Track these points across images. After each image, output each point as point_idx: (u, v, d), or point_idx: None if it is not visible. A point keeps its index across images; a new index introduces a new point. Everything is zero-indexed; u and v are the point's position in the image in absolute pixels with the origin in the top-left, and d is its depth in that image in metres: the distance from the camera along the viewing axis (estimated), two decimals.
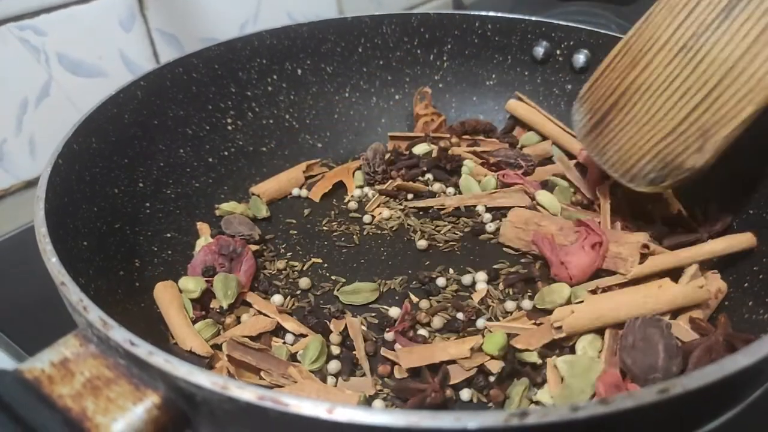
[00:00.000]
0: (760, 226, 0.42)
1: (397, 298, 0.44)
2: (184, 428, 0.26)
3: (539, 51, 0.58)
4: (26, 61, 0.59)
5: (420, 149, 0.56)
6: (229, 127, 0.55)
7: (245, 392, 0.23)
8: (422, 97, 0.59)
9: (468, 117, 0.61)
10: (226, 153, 0.54)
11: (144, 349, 0.25)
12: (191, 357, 0.38)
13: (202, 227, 0.49)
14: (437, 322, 0.41)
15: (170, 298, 0.41)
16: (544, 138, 0.57)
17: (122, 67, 0.65)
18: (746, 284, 0.41)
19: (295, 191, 0.54)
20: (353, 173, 0.56)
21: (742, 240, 0.43)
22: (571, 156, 0.55)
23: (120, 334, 0.26)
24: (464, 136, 0.58)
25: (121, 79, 0.49)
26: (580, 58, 0.56)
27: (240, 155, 0.55)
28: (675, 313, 0.39)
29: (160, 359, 0.25)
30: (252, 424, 0.24)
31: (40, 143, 0.61)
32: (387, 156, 0.55)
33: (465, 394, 0.37)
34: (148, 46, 0.70)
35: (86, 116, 0.42)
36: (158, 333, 0.40)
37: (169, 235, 0.47)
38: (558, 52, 0.58)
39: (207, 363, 0.38)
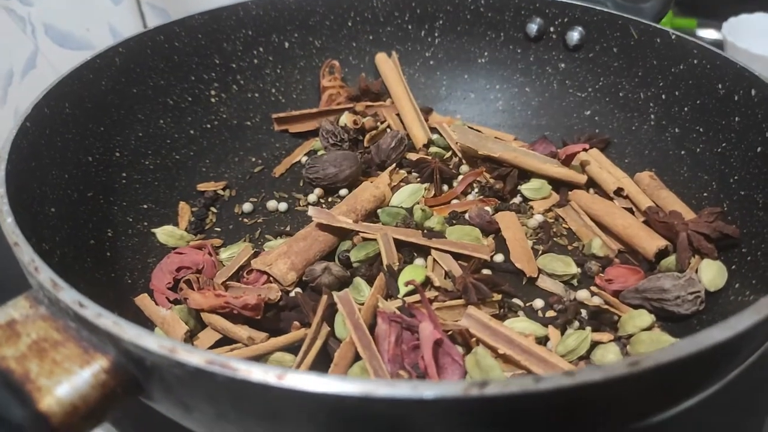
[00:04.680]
0: (750, 208, 0.41)
1: None
2: (136, 394, 0.25)
3: (533, 28, 0.56)
4: (12, 31, 0.57)
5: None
6: (213, 100, 0.53)
7: (193, 356, 0.22)
8: (331, 70, 0.58)
9: (442, 92, 0.60)
10: (208, 126, 0.53)
11: (92, 311, 0.24)
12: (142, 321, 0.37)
13: (183, 208, 0.48)
14: None
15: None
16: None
17: (111, 40, 0.63)
18: (734, 266, 0.40)
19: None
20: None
21: None
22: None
23: (69, 295, 0.25)
24: (362, 102, 0.56)
25: None
26: (574, 35, 0.55)
27: (223, 128, 0.54)
28: None
29: (108, 321, 0.24)
30: (201, 389, 0.23)
31: None
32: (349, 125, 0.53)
33: None
34: (138, 19, 0.68)
35: (59, 80, 0.41)
36: (128, 303, 0.39)
37: (146, 206, 0.46)
38: (552, 29, 0.56)
39: None
